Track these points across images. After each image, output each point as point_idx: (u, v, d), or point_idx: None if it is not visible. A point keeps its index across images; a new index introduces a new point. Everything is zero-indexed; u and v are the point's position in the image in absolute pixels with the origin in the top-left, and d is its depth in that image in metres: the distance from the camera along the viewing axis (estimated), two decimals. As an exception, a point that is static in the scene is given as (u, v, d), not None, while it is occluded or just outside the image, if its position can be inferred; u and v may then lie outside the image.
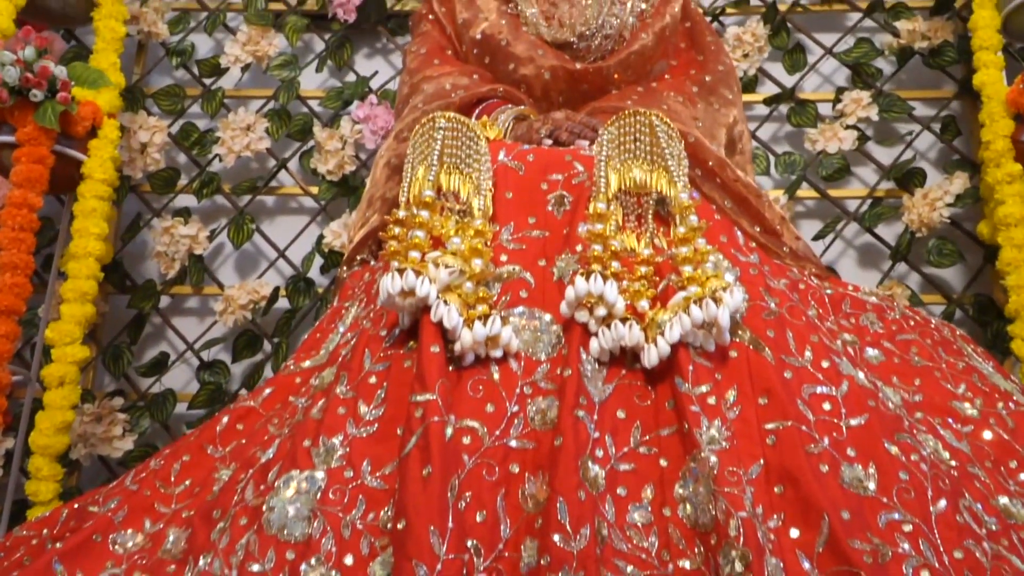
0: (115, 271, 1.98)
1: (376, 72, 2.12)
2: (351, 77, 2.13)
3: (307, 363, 1.16)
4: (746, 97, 2.08)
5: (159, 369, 1.94)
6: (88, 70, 1.82)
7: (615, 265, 0.94)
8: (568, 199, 1.04)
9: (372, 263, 1.29)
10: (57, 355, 1.67)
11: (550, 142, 1.17)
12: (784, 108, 2.09)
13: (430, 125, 1.03)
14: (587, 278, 0.90)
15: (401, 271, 0.90)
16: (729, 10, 2.14)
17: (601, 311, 0.91)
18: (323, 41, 2.15)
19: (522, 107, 1.29)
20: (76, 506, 1.14)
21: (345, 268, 1.31)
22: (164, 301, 2.01)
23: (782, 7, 2.13)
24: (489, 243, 0.98)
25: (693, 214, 0.96)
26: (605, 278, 0.90)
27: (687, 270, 0.93)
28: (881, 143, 2.06)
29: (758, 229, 1.26)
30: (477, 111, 1.29)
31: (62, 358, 1.67)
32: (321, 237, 1.99)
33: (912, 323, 1.17)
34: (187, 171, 2.09)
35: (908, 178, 2.01)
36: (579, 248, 0.99)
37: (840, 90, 2.06)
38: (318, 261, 2.00)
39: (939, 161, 2.11)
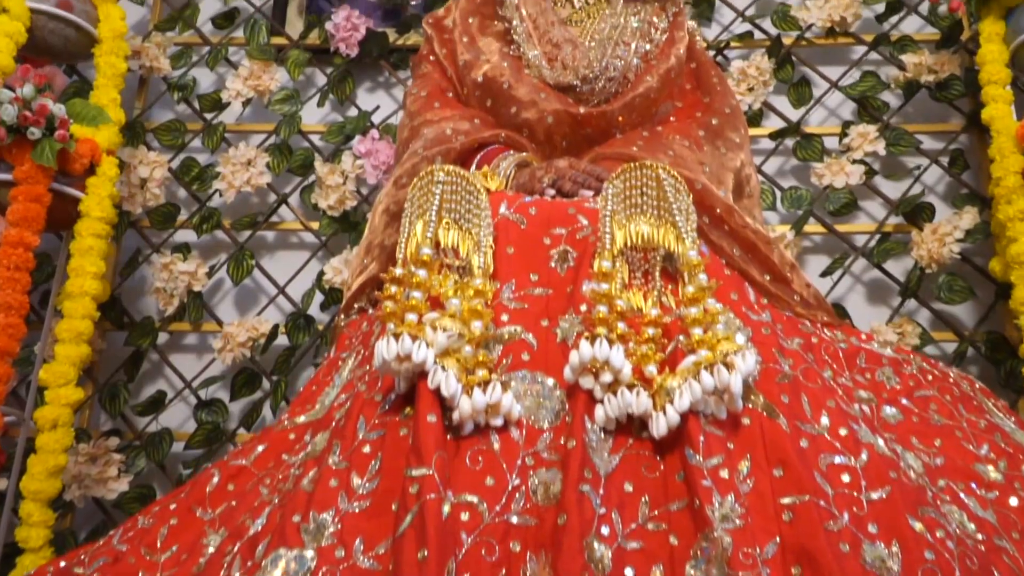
0: (113, 307, 1.93)
1: (378, 107, 2.07)
2: (353, 111, 2.08)
3: (302, 418, 1.11)
4: (751, 131, 2.03)
5: (156, 408, 1.88)
6: (87, 107, 1.77)
7: (621, 327, 0.88)
8: (572, 255, 0.98)
9: (370, 311, 1.23)
10: (51, 397, 1.62)
11: (553, 192, 1.11)
12: (790, 142, 2.04)
13: (428, 179, 0.98)
14: (592, 342, 0.85)
15: (397, 335, 0.85)
16: (734, 44, 2.09)
17: (607, 377, 0.85)
18: (325, 75, 2.10)
19: (524, 154, 1.23)
20: (63, 564, 1.08)
21: (343, 316, 1.25)
22: (162, 338, 1.96)
23: (787, 40, 2.08)
24: (489, 303, 0.92)
25: (702, 272, 0.90)
26: (611, 342, 0.84)
27: (697, 332, 0.87)
28: (889, 177, 2.01)
29: (768, 277, 1.20)
30: (479, 157, 1.23)
31: (56, 400, 1.61)
32: (321, 273, 1.94)
33: (930, 378, 1.10)
34: (187, 206, 2.04)
35: (917, 213, 1.96)
36: (583, 308, 0.94)
37: (847, 124, 2.01)
38: (318, 298, 1.95)
39: (948, 195, 2.05)
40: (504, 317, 0.94)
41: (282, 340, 1.92)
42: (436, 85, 1.38)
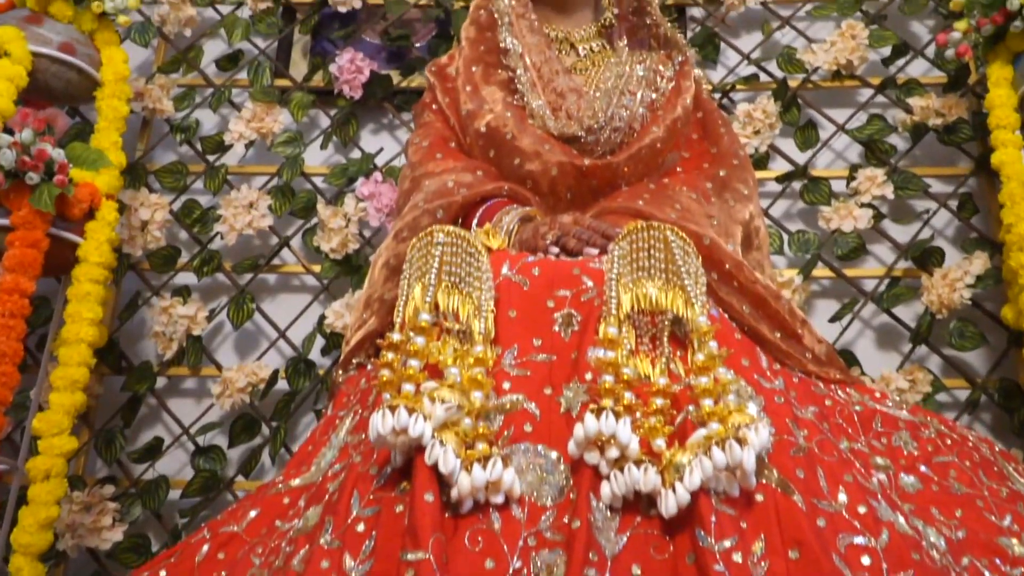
0: (111, 351, 1.89)
1: (381, 149, 2.04)
2: (356, 153, 2.05)
3: (297, 481, 1.06)
4: (758, 174, 1.98)
5: (153, 455, 1.83)
6: (88, 150, 1.74)
7: (628, 396, 0.83)
8: (577, 318, 0.94)
9: (369, 367, 1.19)
10: (44, 447, 1.57)
11: (556, 250, 1.07)
12: (797, 185, 2.00)
13: (428, 239, 0.94)
14: (597, 416, 0.80)
15: (393, 408, 0.80)
16: (739, 86, 2.06)
17: (613, 452, 0.80)
18: (328, 117, 2.07)
19: (528, 208, 1.19)
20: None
21: (340, 372, 1.21)
22: (160, 382, 1.91)
23: (793, 83, 2.04)
24: (490, 370, 0.88)
25: (713, 339, 0.86)
26: (618, 415, 0.80)
27: (707, 404, 0.82)
28: (897, 221, 1.96)
29: (778, 335, 1.15)
30: (481, 210, 1.19)
31: (49, 450, 1.56)
32: (323, 317, 1.90)
33: (949, 442, 1.05)
34: (188, 248, 2.01)
35: (926, 257, 1.91)
36: (588, 376, 0.89)
37: (854, 167, 1.97)
38: (319, 342, 1.90)
39: (957, 238, 2.01)
40: (506, 385, 0.89)
41: (282, 385, 1.88)
42: (438, 135, 1.34)
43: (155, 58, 2.15)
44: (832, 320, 1.89)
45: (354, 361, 1.20)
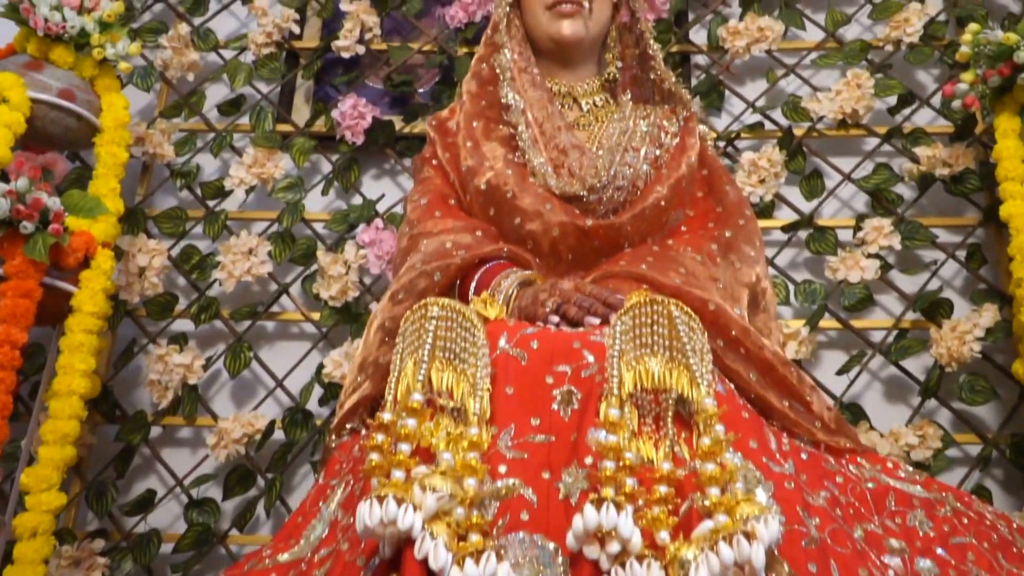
0: (104, 400, 1.84)
1: (383, 195, 2.00)
2: (357, 199, 2.02)
3: (284, 556, 1.00)
4: (763, 223, 1.95)
5: (145, 507, 1.78)
6: (85, 198, 1.71)
7: (630, 483, 0.78)
8: (577, 396, 0.89)
9: (362, 433, 1.14)
10: (32, 503, 1.52)
11: (556, 319, 1.02)
12: (803, 234, 1.96)
13: (422, 312, 0.89)
14: (598, 507, 0.75)
15: (381, 498, 0.75)
16: (744, 135, 2.02)
17: (614, 547, 0.75)
18: (330, 162, 2.04)
19: (527, 272, 1.14)
20: None
21: (334, 437, 1.16)
22: (155, 431, 1.86)
23: (798, 132, 2.01)
24: (485, 454, 0.83)
25: (719, 423, 0.81)
26: (619, 506, 0.75)
27: (714, 492, 0.77)
28: (905, 271, 1.91)
29: (787, 403, 1.10)
30: (480, 273, 1.14)
31: (36, 507, 1.51)
32: (321, 366, 1.85)
33: (966, 520, 1.00)
34: (186, 294, 1.97)
35: (934, 309, 1.86)
36: (588, 460, 0.84)
37: (860, 217, 1.93)
38: (317, 391, 1.86)
39: (965, 289, 1.96)
40: (502, 468, 0.84)
41: (279, 435, 1.83)
42: (437, 192, 1.30)
43: (157, 102, 2.13)
44: (839, 372, 1.84)
45: (348, 426, 1.15)
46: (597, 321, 0.98)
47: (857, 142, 2.05)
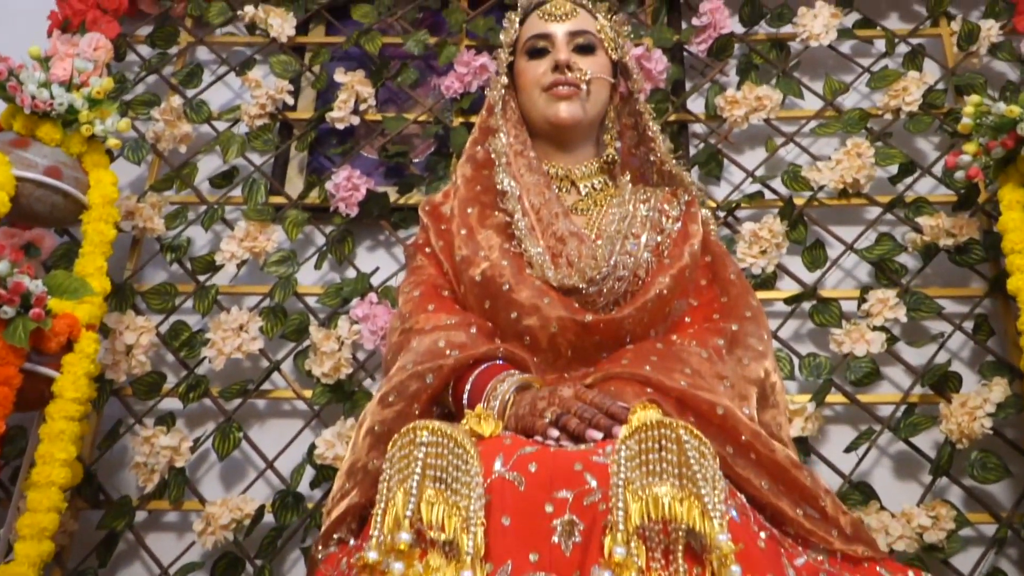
0: (88, 484, 1.75)
1: (378, 268, 1.93)
2: (351, 272, 1.95)
3: None
4: (766, 295, 1.89)
5: (127, 600, 1.68)
6: (70, 279, 1.63)
7: (639, 633, 0.70)
8: (579, 527, 0.80)
9: (351, 543, 1.06)
10: (6, 605, 1.43)
11: (556, 433, 0.94)
12: (806, 305, 1.89)
13: (411, 438, 0.82)
14: (605, 669, 0.67)
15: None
16: (744, 204, 1.97)
17: None
18: (323, 235, 1.98)
19: (525, 376, 1.06)
20: None
21: (320, 547, 1.07)
22: (140, 516, 1.77)
23: (799, 201, 1.95)
24: (480, 599, 0.75)
25: (735, 563, 0.73)
26: (628, 667, 0.67)
27: (731, 645, 0.69)
28: (911, 344, 1.84)
29: (800, 511, 1.03)
30: (475, 375, 1.06)
31: (10, 608, 1.42)
32: (313, 447, 1.76)
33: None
34: (174, 371, 1.89)
35: (943, 383, 1.79)
36: (593, 604, 0.76)
37: (865, 289, 1.86)
38: (309, 473, 1.77)
39: (973, 361, 1.89)
40: (499, 613, 0.76)
41: (268, 518, 1.74)
42: (430, 283, 1.23)
43: (148, 175, 2.07)
44: (847, 450, 1.76)
45: (335, 536, 1.07)
46: (600, 436, 0.90)
47: (859, 211, 2.00)
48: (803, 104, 2.09)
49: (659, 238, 1.24)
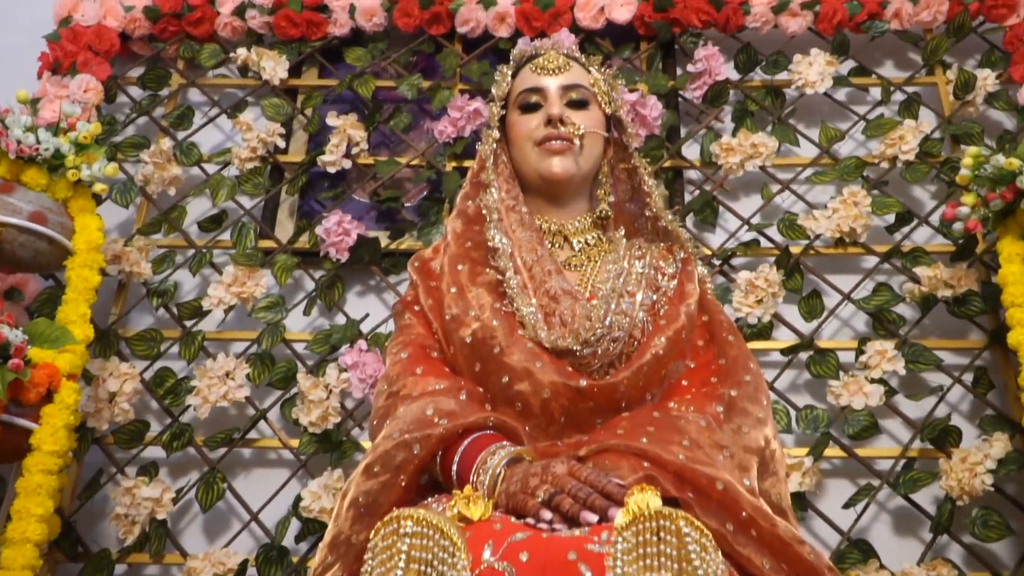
0: (67, 536, 1.69)
1: (367, 314, 1.89)
2: (340, 318, 1.90)
3: None
4: (762, 345, 1.85)
5: (103, 661, 1.61)
6: (51, 327, 1.58)
7: None
8: (573, 621, 0.76)
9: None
10: (-25, 668, 1.36)
11: (549, 515, 0.89)
12: (803, 355, 1.85)
13: (394, 528, 0.77)
14: None
15: None
16: (739, 253, 1.93)
17: None
18: (313, 280, 1.93)
19: (516, 449, 1.01)
20: None
21: (300, 625, 1.02)
22: (119, 568, 1.71)
23: (795, 249, 1.92)
24: None
25: (738, 670, 0.68)
26: None
27: None
28: (910, 397, 1.80)
29: (803, 590, 0.98)
30: (464, 445, 1.01)
31: (-20, 672, 1.36)
32: (299, 498, 1.71)
33: None
34: (158, 418, 1.83)
35: (943, 437, 1.74)
36: None
37: (863, 340, 1.82)
38: (294, 526, 1.71)
39: (973, 414, 1.84)
40: None
41: (252, 573, 1.68)
42: (419, 344, 1.18)
43: (136, 217, 2.02)
44: (846, 506, 1.72)
45: (316, 615, 1.01)
46: (595, 518, 0.85)
47: (856, 260, 1.96)
48: (799, 151, 2.06)
49: (655, 296, 1.19)
